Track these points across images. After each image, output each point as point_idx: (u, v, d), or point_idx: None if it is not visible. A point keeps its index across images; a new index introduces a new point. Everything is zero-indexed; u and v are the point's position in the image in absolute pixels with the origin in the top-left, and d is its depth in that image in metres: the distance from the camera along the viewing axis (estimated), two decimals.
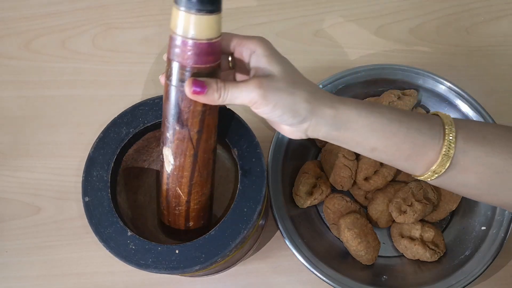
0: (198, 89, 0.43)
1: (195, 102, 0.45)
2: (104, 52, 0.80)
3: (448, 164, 0.45)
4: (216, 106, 0.47)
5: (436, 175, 0.47)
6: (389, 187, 0.67)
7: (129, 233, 0.50)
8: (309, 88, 0.45)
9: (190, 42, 0.42)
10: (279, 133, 0.67)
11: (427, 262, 0.65)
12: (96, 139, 0.54)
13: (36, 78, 0.79)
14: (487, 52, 0.77)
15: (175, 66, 0.44)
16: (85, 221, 0.51)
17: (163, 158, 0.50)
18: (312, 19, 0.80)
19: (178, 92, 0.45)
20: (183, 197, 0.52)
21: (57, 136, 0.76)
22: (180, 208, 0.53)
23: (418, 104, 0.71)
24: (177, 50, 0.43)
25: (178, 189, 0.51)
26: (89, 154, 0.53)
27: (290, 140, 0.68)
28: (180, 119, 0.46)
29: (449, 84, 0.68)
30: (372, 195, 0.68)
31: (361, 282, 0.62)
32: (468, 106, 0.67)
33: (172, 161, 0.49)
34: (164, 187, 0.52)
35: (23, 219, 0.72)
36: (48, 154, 0.75)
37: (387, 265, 0.67)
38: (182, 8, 0.40)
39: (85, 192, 0.52)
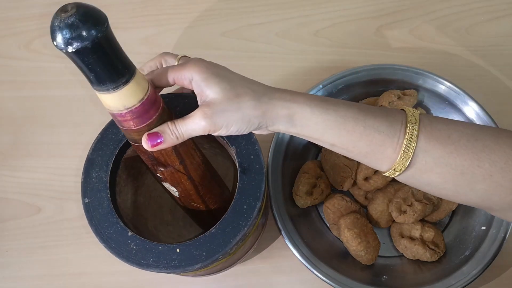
0: (155, 142, 0.45)
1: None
2: None
3: (407, 163, 0.44)
4: None
5: (398, 173, 0.46)
6: (389, 187, 0.67)
7: (130, 233, 0.50)
8: (254, 95, 0.45)
9: (125, 112, 0.43)
10: (279, 133, 0.68)
11: (427, 262, 0.65)
12: (94, 140, 0.54)
13: (36, 78, 0.79)
14: (487, 52, 0.77)
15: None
16: (85, 221, 0.51)
17: (166, 188, 0.54)
18: (312, 19, 0.81)
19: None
20: (201, 206, 0.57)
21: (57, 136, 0.76)
22: (201, 208, 0.57)
23: (419, 104, 0.71)
24: (122, 121, 0.44)
25: (193, 203, 0.56)
26: (87, 155, 0.53)
27: (290, 140, 0.68)
28: (160, 163, 0.49)
29: (449, 84, 0.68)
30: (372, 195, 0.68)
31: (361, 282, 0.62)
32: (468, 106, 0.67)
33: (174, 189, 0.53)
34: (181, 205, 0.58)
35: (23, 219, 0.72)
36: (48, 154, 0.75)
37: (387, 265, 0.67)
38: (103, 92, 0.41)
39: (84, 194, 0.52)
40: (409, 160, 0.44)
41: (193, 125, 0.45)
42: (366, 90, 0.71)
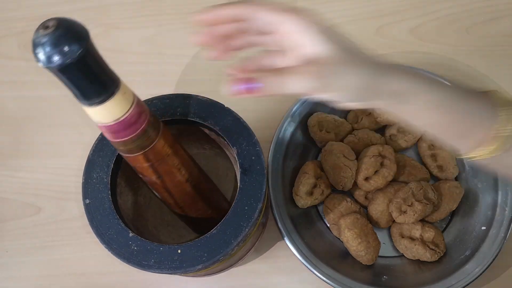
0: (251, 86, 0.39)
1: (137, 161, 0.47)
2: (104, 52, 0.78)
3: (505, 146, 0.42)
4: (163, 157, 0.47)
5: (490, 155, 0.43)
6: (389, 187, 0.67)
7: (131, 234, 0.50)
8: (369, 65, 0.41)
9: (112, 124, 0.43)
10: (279, 133, 0.68)
11: (427, 262, 0.65)
12: (95, 141, 0.54)
13: (36, 78, 0.78)
14: (487, 52, 0.77)
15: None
16: (85, 221, 0.51)
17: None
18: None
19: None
20: (183, 213, 0.57)
21: (57, 136, 0.76)
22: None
23: None
24: (110, 133, 0.44)
25: (175, 209, 0.57)
26: (88, 156, 0.53)
27: (290, 140, 0.68)
28: (139, 172, 0.49)
29: (449, 84, 0.68)
30: (372, 195, 0.68)
31: (361, 282, 0.62)
32: None
33: (156, 194, 0.54)
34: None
35: (23, 219, 0.72)
36: (48, 154, 0.75)
37: (387, 265, 0.67)
38: (89, 106, 0.41)
39: (85, 195, 0.52)
40: (506, 143, 0.42)
41: (303, 81, 0.39)
42: None
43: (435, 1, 0.81)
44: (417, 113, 0.43)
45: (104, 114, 0.41)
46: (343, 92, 0.41)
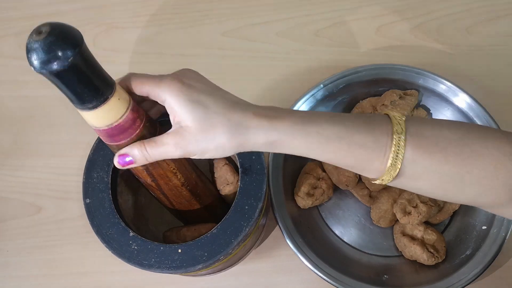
0: (125, 161, 0.45)
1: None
2: (105, 52, 0.80)
3: (395, 174, 0.44)
4: (158, 162, 0.47)
5: (386, 182, 0.45)
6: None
7: (131, 234, 0.50)
8: (230, 126, 0.42)
9: (107, 128, 0.43)
10: None
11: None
12: (96, 141, 0.54)
13: (36, 78, 0.77)
14: (487, 52, 0.77)
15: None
16: (85, 220, 0.51)
17: None
18: (312, 18, 0.81)
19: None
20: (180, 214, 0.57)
21: (57, 135, 0.76)
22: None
23: (419, 104, 0.71)
24: (106, 137, 0.44)
25: (172, 210, 0.57)
26: (88, 155, 0.53)
27: None
28: (135, 174, 0.50)
29: (449, 84, 0.68)
30: (376, 193, 0.68)
31: (362, 281, 0.62)
32: (469, 106, 0.67)
33: (153, 195, 0.54)
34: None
35: (24, 218, 0.72)
36: (48, 153, 0.75)
37: (388, 264, 0.67)
38: (85, 110, 0.41)
39: (86, 194, 0.52)
40: (397, 171, 0.44)
41: (165, 152, 0.44)
42: (366, 90, 0.71)
43: (435, 1, 0.81)
44: (296, 153, 0.45)
45: (98, 119, 0.41)
46: (207, 154, 0.44)
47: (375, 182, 0.46)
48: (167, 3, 0.82)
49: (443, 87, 0.69)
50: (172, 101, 0.42)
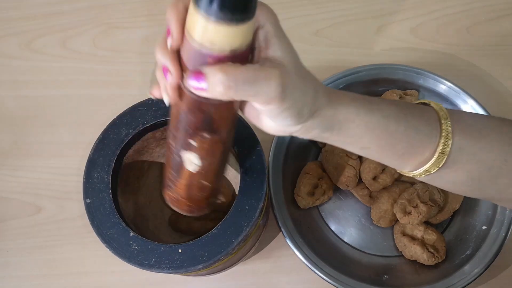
0: (196, 84, 0.33)
1: (229, 107, 0.38)
2: (105, 52, 0.80)
3: (442, 163, 0.42)
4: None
5: (427, 174, 0.43)
6: (394, 186, 0.67)
7: (132, 234, 0.50)
8: (314, 84, 0.38)
9: (227, 54, 0.33)
10: None
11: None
12: (96, 141, 0.54)
13: (36, 78, 0.78)
14: (487, 52, 0.77)
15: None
16: (86, 220, 0.51)
17: (181, 159, 0.43)
18: (312, 18, 0.80)
19: (208, 102, 0.36)
20: (209, 185, 0.46)
21: (57, 135, 0.76)
22: (204, 194, 0.47)
23: None
24: (195, 57, 0.34)
25: (204, 181, 0.45)
26: (89, 156, 0.53)
27: (291, 140, 0.68)
28: (210, 128, 0.39)
29: (449, 84, 0.68)
30: (377, 193, 0.68)
31: (362, 281, 0.62)
32: (469, 106, 0.67)
33: (198, 162, 0.42)
34: (185, 182, 0.45)
35: (24, 218, 0.71)
36: (48, 153, 0.75)
37: (388, 264, 0.67)
38: (202, 12, 0.32)
39: (86, 194, 0.52)
40: (445, 160, 0.42)
41: (262, 86, 0.33)
42: (366, 90, 0.71)
43: (436, 1, 0.81)
44: (349, 139, 0.41)
45: (235, 37, 0.33)
46: (291, 109, 0.36)
47: (413, 175, 0.44)
48: (167, 3, 0.82)
49: (443, 87, 0.69)
50: (274, 29, 0.35)
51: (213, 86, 0.33)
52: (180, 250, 0.49)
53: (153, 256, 0.48)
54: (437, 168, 0.42)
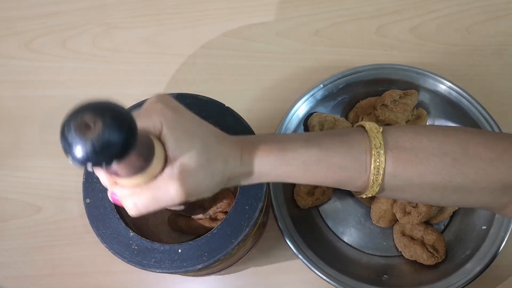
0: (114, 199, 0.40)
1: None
2: (105, 52, 0.80)
3: (377, 190, 0.43)
4: None
5: (370, 195, 0.45)
6: None
7: (131, 234, 0.50)
8: (223, 155, 0.40)
9: None
10: (279, 133, 0.68)
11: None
12: None
13: (36, 78, 0.78)
14: (487, 52, 0.77)
15: None
16: (85, 221, 0.51)
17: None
18: (312, 18, 0.80)
19: None
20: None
21: (57, 136, 0.75)
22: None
23: (419, 105, 0.71)
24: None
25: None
26: None
27: None
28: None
29: (449, 83, 0.68)
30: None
31: (362, 281, 0.62)
32: (469, 106, 0.67)
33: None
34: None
35: (23, 218, 0.71)
36: (48, 153, 0.75)
37: (388, 264, 0.67)
38: (144, 172, 0.36)
39: (86, 194, 0.52)
40: (379, 187, 0.43)
41: (164, 200, 0.37)
42: (366, 90, 0.71)
43: (435, 1, 0.81)
44: (278, 180, 0.43)
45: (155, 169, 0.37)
46: (210, 191, 0.40)
47: (359, 196, 0.46)
48: (167, 3, 0.82)
49: (443, 87, 0.69)
50: (166, 131, 0.37)
51: (127, 210, 0.38)
52: (180, 250, 0.48)
53: (153, 256, 0.48)
54: (374, 193, 0.44)
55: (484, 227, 0.64)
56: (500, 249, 0.62)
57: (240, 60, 0.79)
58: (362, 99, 0.72)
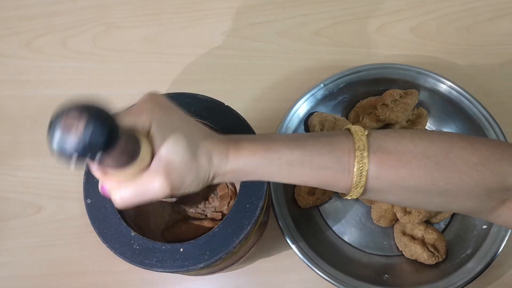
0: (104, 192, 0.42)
1: None
2: (105, 51, 0.80)
3: (361, 191, 0.44)
4: None
5: (355, 196, 0.45)
6: None
7: (133, 233, 0.50)
8: (207, 152, 0.41)
9: None
10: (280, 132, 0.68)
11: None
12: None
13: (37, 78, 0.78)
14: (487, 51, 0.78)
15: None
16: (86, 220, 0.51)
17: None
18: (312, 18, 0.81)
19: None
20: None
21: None
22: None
23: (420, 104, 0.71)
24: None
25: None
26: None
27: None
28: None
29: (449, 83, 0.68)
30: None
31: (362, 280, 0.62)
32: (469, 105, 0.67)
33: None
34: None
35: (24, 218, 0.71)
36: (48, 153, 0.73)
37: (388, 263, 0.67)
38: (131, 165, 0.38)
39: (87, 194, 0.52)
40: (363, 189, 0.43)
41: (152, 187, 0.40)
42: (367, 89, 0.71)
43: (435, 1, 0.81)
44: (263, 179, 0.45)
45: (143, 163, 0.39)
46: (195, 187, 0.42)
47: (345, 197, 0.46)
48: (167, 3, 0.82)
49: (443, 86, 0.69)
50: (155, 128, 0.39)
51: (114, 202, 0.41)
52: (181, 249, 0.49)
53: (154, 256, 0.48)
54: (358, 194, 0.45)
55: (484, 227, 0.64)
56: (501, 248, 0.62)
57: (240, 60, 0.79)
58: (362, 98, 0.72)
